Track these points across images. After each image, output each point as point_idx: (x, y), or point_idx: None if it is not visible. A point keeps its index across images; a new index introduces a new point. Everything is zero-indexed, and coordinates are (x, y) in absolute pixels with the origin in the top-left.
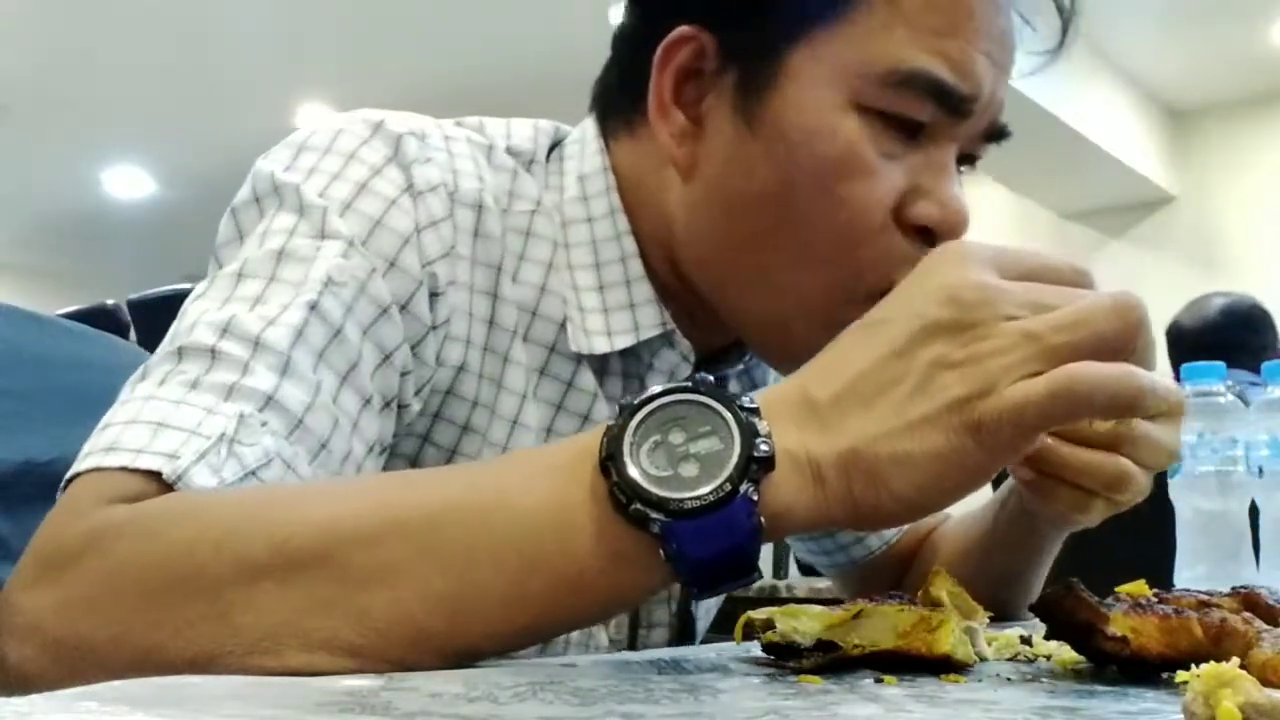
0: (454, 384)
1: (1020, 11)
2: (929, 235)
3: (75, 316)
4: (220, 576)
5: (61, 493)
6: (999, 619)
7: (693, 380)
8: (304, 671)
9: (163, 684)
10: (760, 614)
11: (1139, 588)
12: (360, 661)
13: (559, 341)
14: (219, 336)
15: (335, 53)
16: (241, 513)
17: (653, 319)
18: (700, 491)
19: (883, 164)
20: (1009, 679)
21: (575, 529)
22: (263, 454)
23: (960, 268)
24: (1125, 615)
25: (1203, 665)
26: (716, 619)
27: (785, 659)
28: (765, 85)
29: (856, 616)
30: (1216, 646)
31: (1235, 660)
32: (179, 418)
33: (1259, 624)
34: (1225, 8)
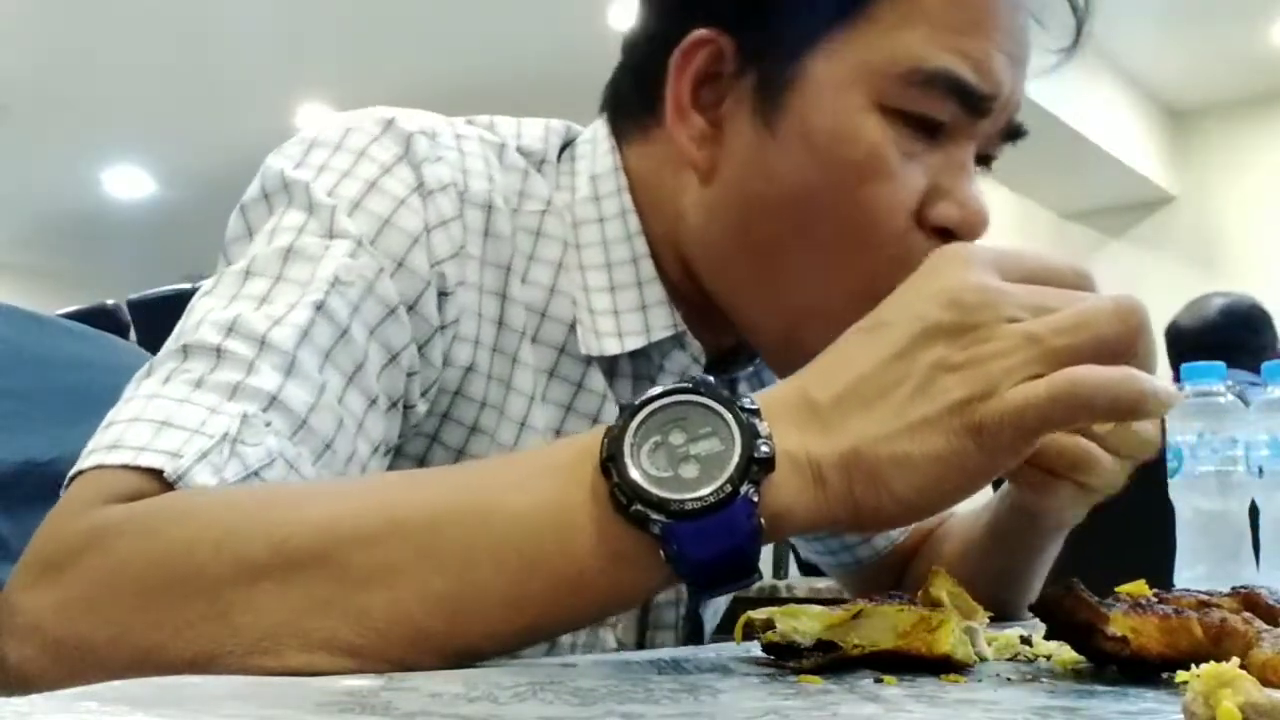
0: (462, 385)
1: (1033, 10)
2: (949, 236)
3: (75, 316)
4: (220, 576)
5: (65, 490)
6: (999, 619)
7: (693, 381)
8: (304, 671)
9: (163, 684)
10: (760, 614)
11: (1139, 588)
12: (360, 661)
13: (568, 343)
14: (224, 335)
15: (335, 53)
16: (241, 512)
17: (664, 320)
18: (701, 493)
19: (904, 165)
20: (1009, 679)
21: (575, 529)
22: (265, 454)
23: (961, 270)
24: (1125, 615)
25: (1203, 665)
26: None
27: (785, 659)
28: (785, 87)
29: (856, 616)
30: (1216, 646)
31: (1235, 660)
32: (182, 416)
33: (1259, 624)
34: (1225, 8)
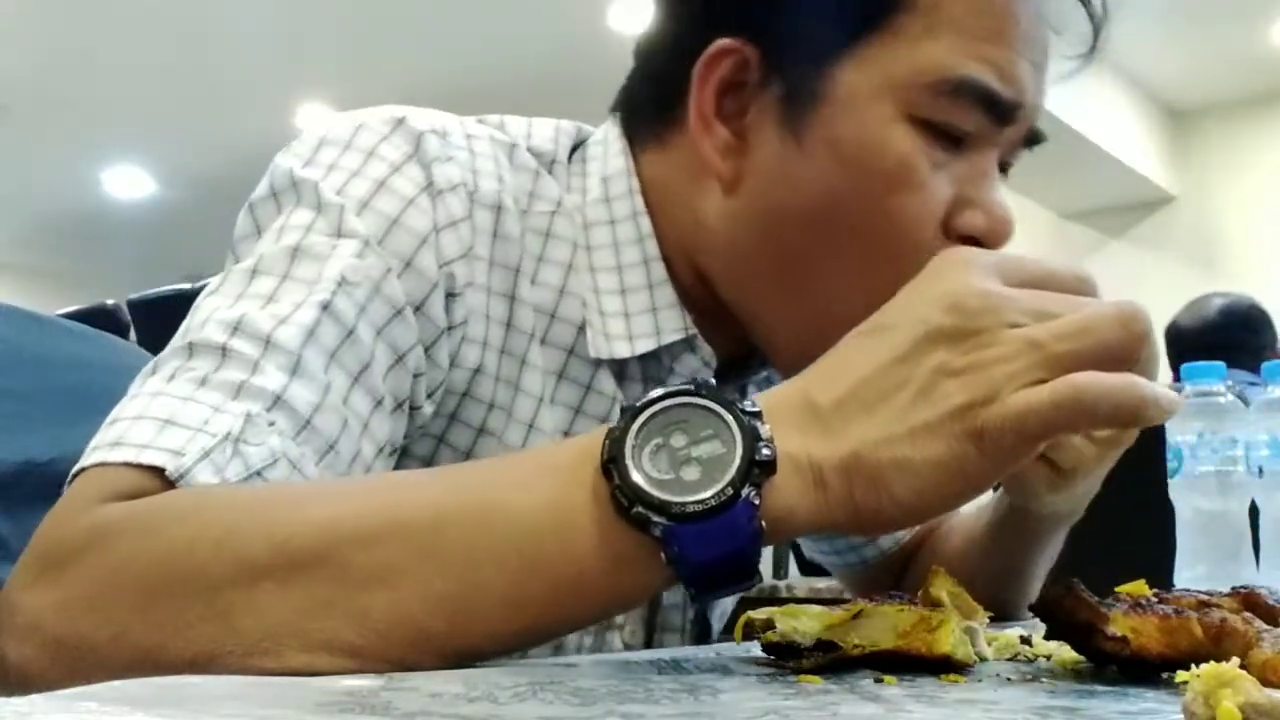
0: (470, 386)
1: (1049, 18)
2: (975, 244)
3: (75, 316)
4: (220, 576)
5: (67, 488)
6: (999, 619)
7: (694, 383)
8: (304, 672)
9: (163, 684)
10: (760, 614)
11: (1139, 588)
12: (360, 662)
13: (577, 344)
14: (230, 334)
15: (335, 53)
16: (242, 512)
17: (675, 323)
18: (702, 495)
19: (932, 175)
20: (1009, 679)
21: (576, 531)
22: (268, 454)
23: (964, 274)
24: (1125, 615)
25: (1203, 665)
26: None
27: (785, 659)
28: (812, 98)
29: (856, 616)
30: (1216, 646)
31: (1235, 660)
32: (186, 415)
33: (1259, 624)
34: (1225, 8)
